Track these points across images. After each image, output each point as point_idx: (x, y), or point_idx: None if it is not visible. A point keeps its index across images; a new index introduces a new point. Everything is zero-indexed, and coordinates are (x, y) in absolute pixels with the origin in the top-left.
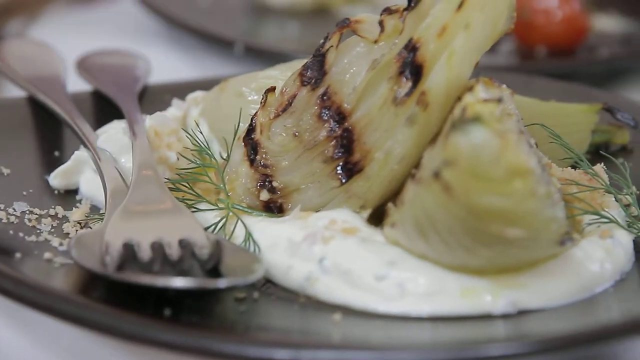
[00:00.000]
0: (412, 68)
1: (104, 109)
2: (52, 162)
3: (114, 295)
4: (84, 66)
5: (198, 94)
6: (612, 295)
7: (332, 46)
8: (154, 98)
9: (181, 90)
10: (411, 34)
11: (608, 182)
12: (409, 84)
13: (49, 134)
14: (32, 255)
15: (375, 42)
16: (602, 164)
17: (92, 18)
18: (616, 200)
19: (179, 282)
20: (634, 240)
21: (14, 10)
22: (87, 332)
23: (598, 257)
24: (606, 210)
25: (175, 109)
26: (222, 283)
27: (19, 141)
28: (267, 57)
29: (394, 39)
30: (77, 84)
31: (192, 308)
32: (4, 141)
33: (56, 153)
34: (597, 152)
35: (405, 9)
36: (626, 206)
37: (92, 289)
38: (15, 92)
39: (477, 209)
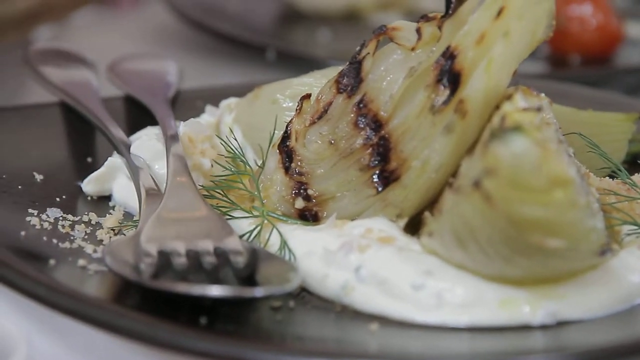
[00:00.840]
0: (450, 76)
1: (136, 115)
2: (84, 168)
3: (148, 303)
4: (115, 71)
5: (232, 101)
6: None
7: (368, 53)
8: (186, 104)
9: (213, 96)
10: (449, 42)
11: None
12: (447, 92)
13: (81, 139)
14: (66, 262)
15: (413, 49)
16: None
17: (121, 23)
18: None
19: (215, 291)
20: None
21: (42, 16)
22: (122, 340)
23: (637, 267)
24: None
25: (209, 116)
26: (259, 292)
27: (51, 147)
28: (299, 63)
29: (431, 46)
30: (108, 90)
31: (228, 317)
32: (36, 147)
33: (89, 159)
34: (634, 162)
35: (442, 16)
36: None
37: (126, 296)
38: (47, 98)
39: (517, 219)
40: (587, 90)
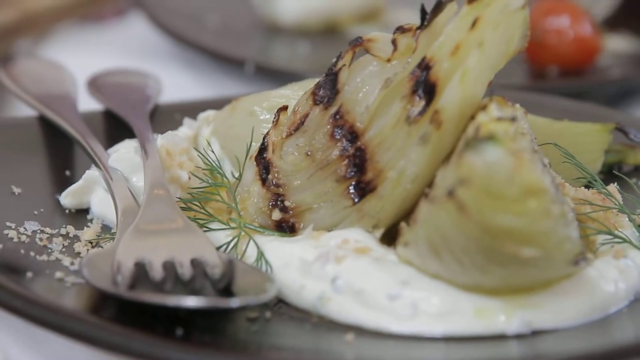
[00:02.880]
0: (425, 87)
1: (115, 128)
2: (63, 182)
3: (125, 314)
4: (95, 85)
5: (209, 113)
6: (626, 315)
7: (344, 65)
8: (165, 117)
9: (192, 109)
10: (424, 53)
11: (621, 202)
12: (422, 102)
13: (60, 153)
14: (44, 274)
15: (388, 60)
16: (615, 183)
17: (103, 37)
18: (630, 220)
19: (190, 302)
20: None
21: (24, 29)
22: (98, 351)
23: (612, 277)
24: (620, 230)
25: (187, 128)
26: (234, 303)
27: (29, 160)
28: (278, 76)
29: (407, 57)
30: (88, 104)
31: (204, 328)
32: (15, 160)
33: (67, 172)
34: (611, 172)
35: (418, 28)
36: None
37: (103, 308)
38: (26, 112)
39: (491, 228)
40: (565, 101)
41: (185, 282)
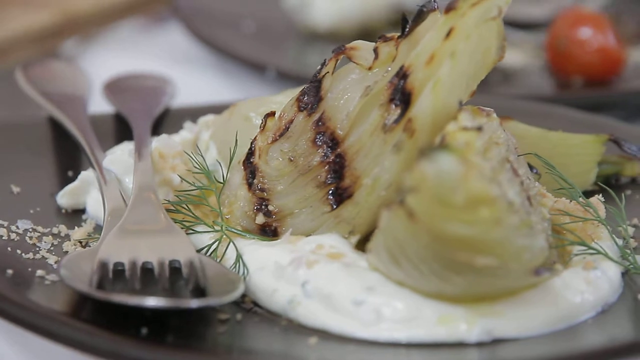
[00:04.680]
0: (402, 95)
1: (122, 131)
2: (64, 182)
3: (99, 314)
4: (110, 88)
5: (209, 118)
6: (590, 325)
7: (328, 72)
8: (175, 121)
9: (203, 113)
10: (403, 61)
11: (604, 214)
12: (398, 110)
13: (65, 154)
14: (25, 272)
15: (370, 68)
16: (600, 195)
17: (142, 41)
18: (609, 232)
19: (151, 302)
20: (623, 273)
21: (67, 31)
22: (63, 347)
23: (578, 287)
24: (597, 241)
25: (187, 132)
26: (194, 303)
27: (33, 160)
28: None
29: (387, 66)
30: (106, 106)
31: (174, 328)
32: (19, 160)
33: (69, 173)
34: (608, 184)
35: (399, 37)
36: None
37: (79, 307)
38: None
39: (442, 236)
40: (575, 112)
41: (160, 282)
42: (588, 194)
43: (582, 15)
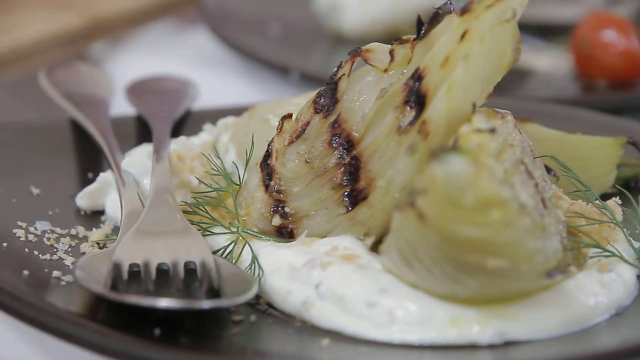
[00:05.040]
0: (417, 97)
1: (143, 133)
2: (84, 184)
3: (114, 315)
4: (132, 91)
5: (229, 120)
6: (604, 328)
7: (344, 74)
8: (196, 123)
9: (224, 116)
10: (418, 64)
11: (621, 216)
12: (413, 113)
13: (86, 155)
14: (41, 273)
15: (385, 71)
16: (617, 197)
17: (171, 44)
18: (625, 235)
19: (162, 303)
20: (638, 276)
21: (96, 34)
22: (75, 347)
23: (593, 290)
24: (612, 244)
25: (207, 134)
26: (206, 304)
27: (54, 162)
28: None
29: (402, 68)
30: (129, 109)
31: (189, 330)
32: (39, 162)
33: (90, 175)
34: (627, 186)
35: (415, 39)
36: None
37: (94, 308)
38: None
39: (452, 238)
40: (596, 115)
41: (177, 283)
42: (607, 196)
43: (606, 19)
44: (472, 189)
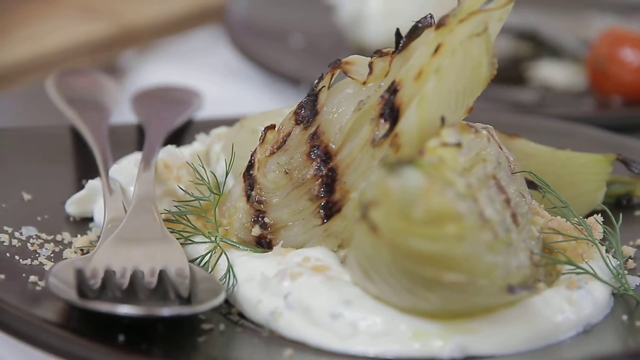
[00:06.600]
0: (390, 110)
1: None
2: (76, 191)
3: (83, 321)
4: (137, 100)
5: (221, 130)
6: (569, 345)
7: (324, 86)
8: (197, 133)
9: (225, 125)
10: (395, 76)
11: (600, 234)
12: (387, 125)
13: (81, 162)
14: (18, 277)
15: (364, 83)
16: (599, 215)
17: (197, 54)
18: (600, 252)
19: (124, 310)
20: (614, 293)
21: (124, 42)
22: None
23: (559, 307)
24: (587, 261)
25: (200, 144)
26: (165, 312)
27: (49, 168)
28: None
29: (380, 81)
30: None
31: (156, 337)
32: (34, 168)
33: (84, 182)
34: (619, 204)
35: (394, 52)
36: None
37: (64, 314)
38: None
39: (404, 251)
40: (599, 132)
41: (149, 291)
42: (596, 213)
43: (622, 35)
44: (423, 202)
